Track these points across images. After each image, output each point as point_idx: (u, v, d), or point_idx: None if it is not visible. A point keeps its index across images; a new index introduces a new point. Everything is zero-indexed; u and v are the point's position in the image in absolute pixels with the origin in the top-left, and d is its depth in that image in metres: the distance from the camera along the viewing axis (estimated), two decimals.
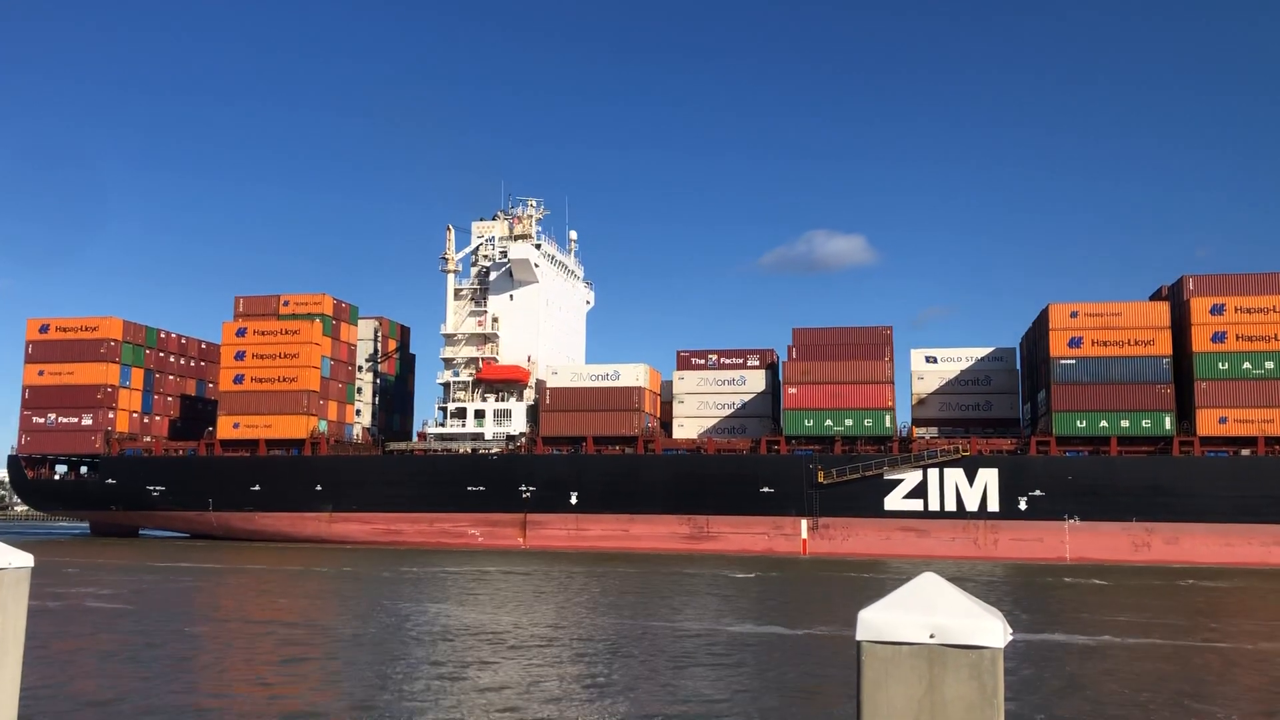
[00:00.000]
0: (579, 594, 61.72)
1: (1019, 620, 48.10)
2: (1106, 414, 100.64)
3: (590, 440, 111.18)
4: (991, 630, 6.41)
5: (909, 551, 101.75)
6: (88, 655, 37.48)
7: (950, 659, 6.42)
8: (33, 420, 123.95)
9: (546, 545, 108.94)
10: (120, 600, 55.75)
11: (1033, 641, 41.73)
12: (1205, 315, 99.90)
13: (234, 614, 52.04)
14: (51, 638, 40.11)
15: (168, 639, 41.18)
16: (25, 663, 8.93)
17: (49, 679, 31.25)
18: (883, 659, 6.51)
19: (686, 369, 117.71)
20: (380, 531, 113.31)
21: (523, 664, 35.72)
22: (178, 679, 32.70)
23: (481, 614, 50.30)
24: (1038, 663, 36.78)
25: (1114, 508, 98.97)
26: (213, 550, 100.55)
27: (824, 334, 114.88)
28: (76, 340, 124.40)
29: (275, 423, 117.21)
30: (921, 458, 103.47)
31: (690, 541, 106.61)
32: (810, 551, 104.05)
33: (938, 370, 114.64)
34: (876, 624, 6.54)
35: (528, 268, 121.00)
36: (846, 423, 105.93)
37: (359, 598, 59.16)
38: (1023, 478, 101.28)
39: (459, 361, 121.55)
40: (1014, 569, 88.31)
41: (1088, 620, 50.24)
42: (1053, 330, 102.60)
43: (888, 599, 6.69)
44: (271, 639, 41.82)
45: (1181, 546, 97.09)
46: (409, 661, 36.16)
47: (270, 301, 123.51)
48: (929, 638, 6.46)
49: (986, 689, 6.36)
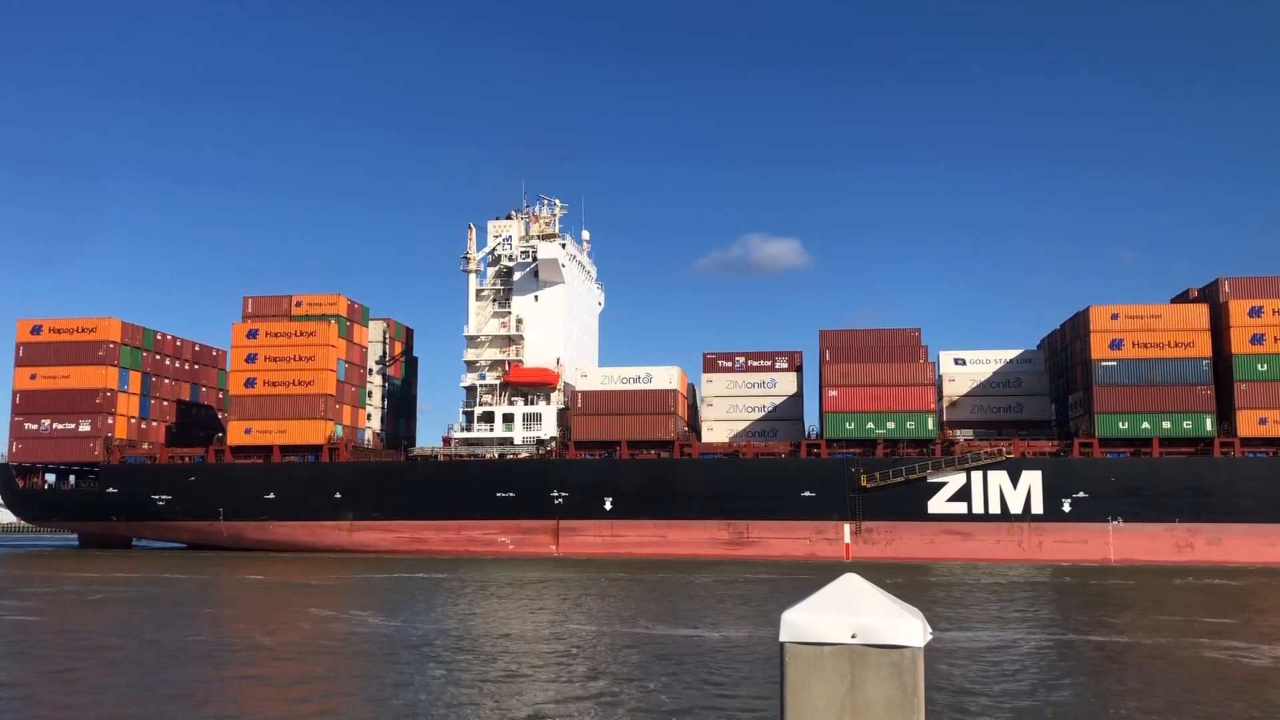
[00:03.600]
0: (711, 601, 59.26)
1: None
2: (1148, 415, 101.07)
3: (624, 445, 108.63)
4: (912, 630, 6.59)
5: (954, 555, 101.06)
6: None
7: (872, 658, 6.57)
8: (24, 426, 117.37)
9: (580, 552, 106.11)
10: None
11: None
12: (1244, 317, 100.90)
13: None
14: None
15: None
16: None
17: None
18: (806, 659, 6.64)
19: (714, 371, 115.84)
20: (404, 540, 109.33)
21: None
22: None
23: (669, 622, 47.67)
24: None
25: (1156, 509, 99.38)
26: (215, 561, 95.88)
27: (853, 336, 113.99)
28: (72, 342, 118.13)
29: (290, 428, 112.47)
30: (965, 460, 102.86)
31: (730, 547, 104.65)
32: (853, 556, 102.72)
33: (967, 372, 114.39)
34: (799, 625, 6.70)
35: (555, 268, 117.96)
36: (889, 425, 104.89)
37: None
38: (1066, 479, 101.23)
39: (483, 364, 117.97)
40: (1076, 571, 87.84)
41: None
42: (1094, 332, 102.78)
43: (810, 600, 6.84)
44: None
45: (1224, 547, 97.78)
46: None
47: (281, 302, 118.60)
48: (851, 638, 6.60)
49: (907, 687, 6.54)
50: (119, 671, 36.27)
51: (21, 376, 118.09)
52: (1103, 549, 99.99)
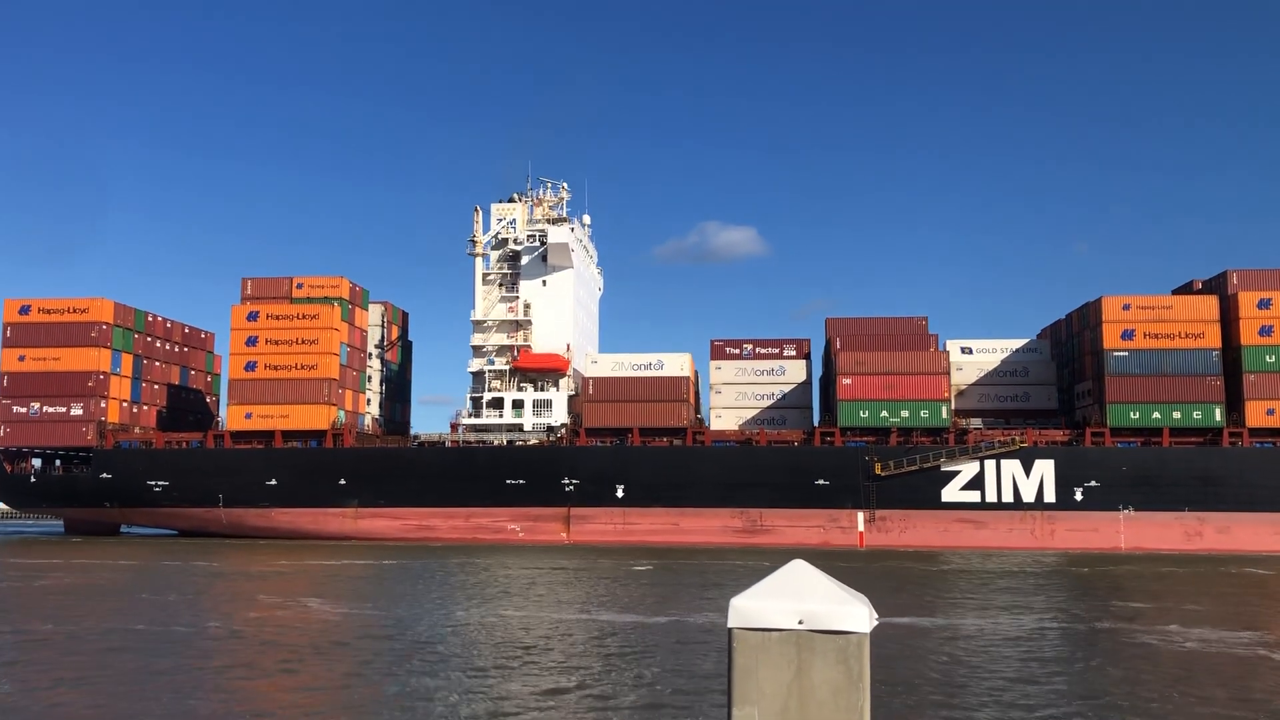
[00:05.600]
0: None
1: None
2: (1158, 405, 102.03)
3: (636, 431, 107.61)
4: (858, 616, 6.62)
5: (967, 543, 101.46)
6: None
7: (818, 644, 6.63)
8: (12, 410, 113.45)
9: (592, 540, 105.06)
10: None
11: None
12: (1253, 309, 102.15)
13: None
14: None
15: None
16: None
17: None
18: (753, 645, 6.68)
19: (722, 359, 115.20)
20: (411, 528, 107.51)
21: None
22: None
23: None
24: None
25: (1167, 498, 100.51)
26: (215, 548, 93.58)
27: (861, 324, 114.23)
28: (63, 323, 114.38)
29: (293, 412, 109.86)
30: (979, 449, 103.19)
31: (743, 535, 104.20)
32: (867, 544, 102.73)
33: (974, 361, 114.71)
34: (747, 611, 6.73)
35: (565, 252, 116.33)
36: (903, 414, 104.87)
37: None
38: (1078, 468, 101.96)
39: (490, 349, 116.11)
40: (1090, 559, 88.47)
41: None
42: (1106, 322, 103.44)
43: (758, 586, 6.89)
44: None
45: (1233, 535, 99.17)
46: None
47: (282, 283, 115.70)
48: (798, 624, 6.65)
49: (853, 672, 6.61)
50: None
51: (9, 358, 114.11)
52: (1114, 537, 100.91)
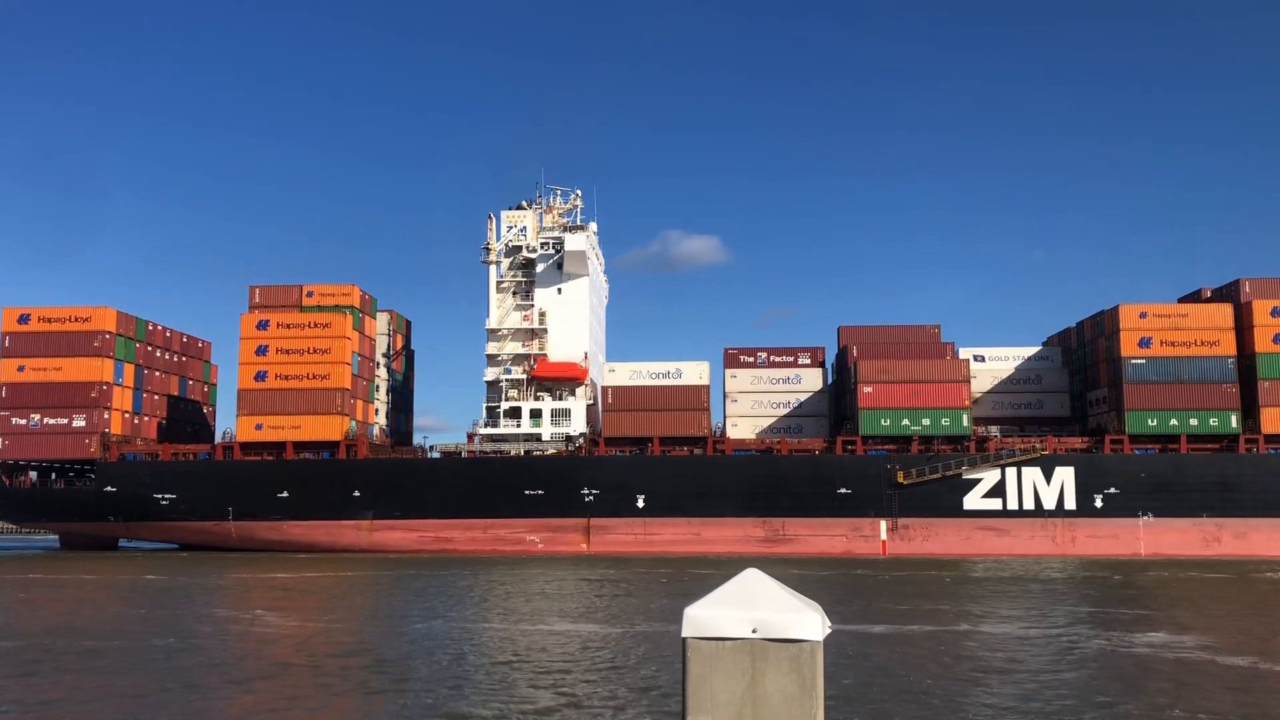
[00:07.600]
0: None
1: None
2: (1176, 412, 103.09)
3: (656, 441, 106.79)
4: (811, 624, 6.66)
5: (989, 550, 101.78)
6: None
7: (771, 653, 6.66)
8: (12, 421, 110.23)
9: (612, 550, 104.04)
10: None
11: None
12: (1266, 317, 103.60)
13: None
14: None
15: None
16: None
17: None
18: (707, 654, 6.70)
19: (737, 367, 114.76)
20: (428, 539, 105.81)
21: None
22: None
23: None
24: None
25: (1185, 504, 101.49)
26: (233, 561, 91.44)
27: (876, 332, 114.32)
28: (64, 332, 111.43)
29: (305, 423, 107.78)
30: (1000, 457, 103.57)
31: (765, 544, 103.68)
32: (889, 553, 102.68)
33: (988, 369, 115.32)
34: (701, 620, 6.75)
35: (581, 260, 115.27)
36: (924, 422, 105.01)
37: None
38: (1098, 475, 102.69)
39: (505, 358, 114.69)
40: (1115, 566, 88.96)
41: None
42: (1123, 330, 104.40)
43: (712, 595, 6.89)
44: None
45: (1250, 541, 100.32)
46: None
47: (292, 291, 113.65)
48: (751, 632, 6.67)
49: (806, 681, 6.64)
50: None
51: (8, 368, 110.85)
52: (1134, 543, 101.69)
